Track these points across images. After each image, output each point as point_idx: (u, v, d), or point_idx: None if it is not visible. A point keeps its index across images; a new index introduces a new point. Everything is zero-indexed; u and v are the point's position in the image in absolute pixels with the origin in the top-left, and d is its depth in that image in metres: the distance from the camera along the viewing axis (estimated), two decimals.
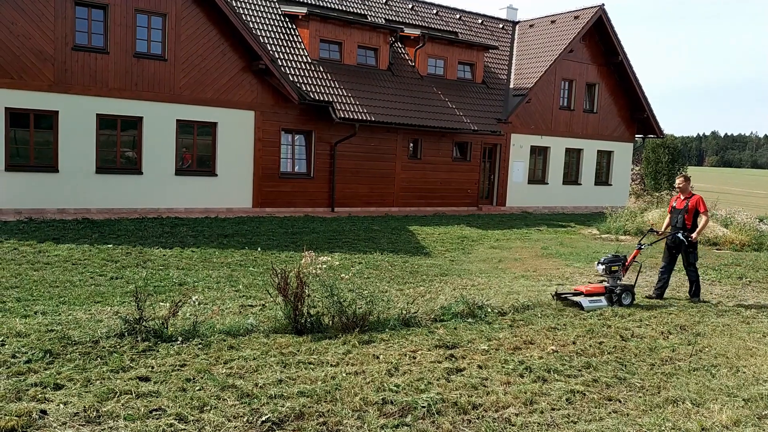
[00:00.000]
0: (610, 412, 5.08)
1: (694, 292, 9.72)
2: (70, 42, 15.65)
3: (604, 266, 9.07)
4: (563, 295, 8.84)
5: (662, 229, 10.10)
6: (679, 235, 9.53)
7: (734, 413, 5.09)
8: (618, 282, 9.04)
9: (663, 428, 4.80)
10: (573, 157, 27.08)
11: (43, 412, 4.45)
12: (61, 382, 5.01)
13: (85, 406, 4.55)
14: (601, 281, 9.33)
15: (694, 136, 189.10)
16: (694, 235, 9.49)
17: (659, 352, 6.78)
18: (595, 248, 15.21)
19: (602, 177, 28.30)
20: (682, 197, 9.85)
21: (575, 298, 8.69)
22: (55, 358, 5.55)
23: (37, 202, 15.49)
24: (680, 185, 9.88)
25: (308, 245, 13.08)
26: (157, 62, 16.89)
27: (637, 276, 9.88)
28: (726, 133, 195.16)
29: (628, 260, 9.31)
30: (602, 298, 8.78)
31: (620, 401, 5.33)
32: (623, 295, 8.86)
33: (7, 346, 5.74)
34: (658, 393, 5.56)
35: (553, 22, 26.94)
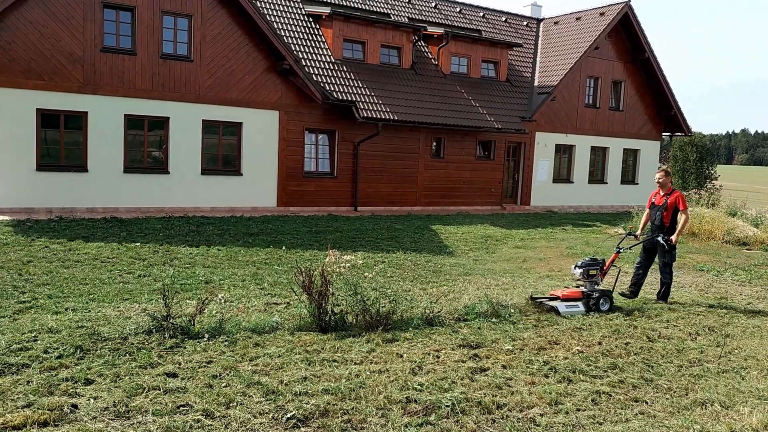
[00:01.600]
0: (636, 414, 5.02)
1: (663, 294, 9.21)
2: (98, 44, 15.93)
3: (581, 270, 8.56)
4: (539, 300, 8.36)
5: (641, 226, 9.65)
6: (659, 239, 9.07)
7: (765, 416, 4.99)
8: (595, 287, 8.55)
9: (691, 430, 4.73)
10: (599, 155, 26.79)
11: (74, 406, 4.55)
12: (92, 378, 5.10)
13: (114, 401, 4.64)
14: (578, 286, 8.83)
15: (723, 133, 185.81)
16: (673, 238, 9.05)
17: (687, 354, 6.68)
18: None
19: (628, 176, 27.95)
20: (661, 193, 9.36)
21: (551, 303, 8.22)
22: (86, 353, 5.66)
23: (67, 201, 15.79)
24: (660, 180, 9.34)
25: (332, 244, 13.15)
26: (183, 63, 17.11)
27: (616, 281, 9.31)
28: (757, 131, 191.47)
29: (607, 264, 8.83)
30: (579, 303, 8.28)
31: (647, 403, 5.27)
32: (601, 301, 8.35)
33: (39, 342, 5.87)
34: (686, 395, 5.48)
35: (578, 18, 26.68)
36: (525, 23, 28.36)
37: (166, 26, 16.85)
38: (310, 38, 20.33)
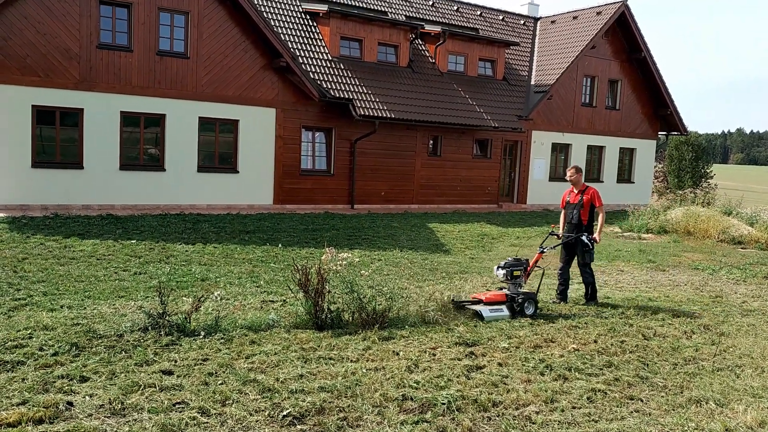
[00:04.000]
0: (631, 412, 5.04)
1: (591, 295, 8.91)
2: (95, 40, 15.87)
3: (504, 271, 8.13)
4: (461, 303, 7.90)
5: (561, 227, 9.24)
6: (584, 238, 8.74)
7: (759, 414, 5.02)
8: (519, 289, 8.17)
9: (686, 428, 4.75)
10: (595, 154, 26.83)
11: (70, 403, 4.54)
12: (87, 375, 5.10)
13: (110, 399, 4.63)
14: (501, 288, 8.43)
15: (719, 133, 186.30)
16: (596, 236, 8.82)
17: (682, 352, 6.71)
18: (617, 246, 15.07)
19: (624, 175, 28.00)
20: (575, 191, 9.07)
21: (474, 307, 7.78)
22: (81, 351, 5.65)
23: (62, 199, 15.74)
24: (572, 177, 9.07)
25: (328, 242, 13.14)
26: (180, 60, 17.06)
27: (540, 282, 8.94)
28: (752, 130, 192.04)
29: (530, 265, 8.49)
30: (503, 307, 7.88)
31: (642, 401, 5.29)
32: (525, 304, 7.94)
33: (34, 339, 5.86)
34: (681, 393, 5.50)
35: (575, 18, 26.70)
36: (522, 22, 28.37)
37: (163, 23, 16.79)
38: (307, 36, 20.29)
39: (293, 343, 6.22)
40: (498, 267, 8.28)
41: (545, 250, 8.75)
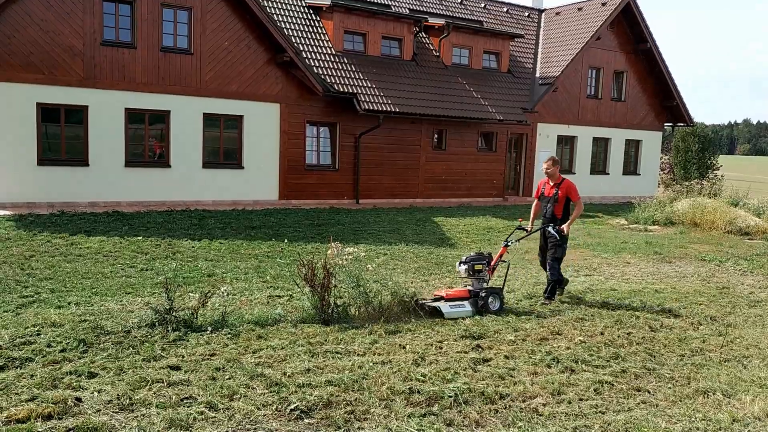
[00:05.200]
0: (639, 403, 5.03)
1: (549, 293, 8.40)
2: (98, 37, 15.89)
3: (466, 266, 7.81)
4: (421, 302, 7.48)
5: (531, 219, 8.87)
6: (550, 228, 8.36)
7: (766, 404, 5.00)
8: (483, 285, 7.84)
9: (693, 419, 4.74)
10: (600, 146, 26.73)
11: (78, 399, 4.56)
12: (95, 371, 5.12)
13: (118, 394, 4.65)
14: (466, 284, 8.10)
15: (726, 123, 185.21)
16: (565, 227, 8.33)
17: (689, 343, 6.69)
18: (624, 238, 15.03)
19: (630, 166, 27.89)
20: (551, 183, 8.62)
21: (434, 304, 7.42)
22: (89, 347, 5.68)
23: (68, 196, 15.80)
24: (548, 170, 8.58)
25: (334, 237, 13.15)
26: (184, 56, 17.07)
27: (506, 277, 8.54)
28: (759, 121, 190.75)
29: (494, 259, 8.15)
30: (466, 303, 7.55)
31: (649, 392, 5.28)
32: (490, 300, 7.63)
33: (42, 336, 5.89)
34: (688, 384, 5.49)
35: (579, 9, 26.55)
36: (526, 14, 28.24)
37: (166, 19, 16.80)
38: (311, 30, 20.26)
39: (300, 338, 6.23)
40: (459, 262, 7.98)
41: (510, 244, 8.41)
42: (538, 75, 25.00)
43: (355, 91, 19.18)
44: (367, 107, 19.10)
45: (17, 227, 12.33)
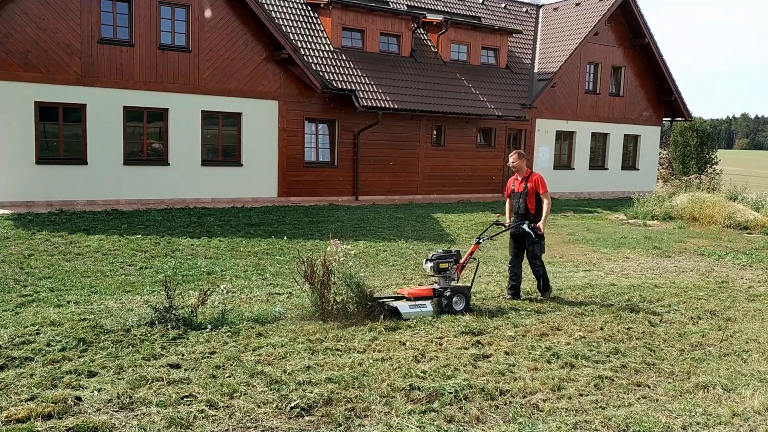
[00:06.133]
0: (639, 398, 5.03)
1: (544, 287, 8.32)
2: (96, 35, 15.85)
3: (431, 264, 7.51)
4: (381, 300, 7.21)
5: (507, 216, 8.63)
6: (525, 227, 8.13)
7: (766, 399, 5.01)
8: (450, 283, 7.54)
9: (693, 414, 4.74)
10: (599, 141, 26.72)
11: (78, 398, 4.56)
12: (95, 370, 5.12)
13: (118, 393, 4.65)
14: (433, 283, 7.79)
15: (724, 118, 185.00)
16: (540, 225, 8.13)
17: (689, 338, 6.70)
18: (623, 233, 15.03)
19: (629, 161, 27.89)
20: (519, 178, 8.41)
21: (394, 304, 7.12)
22: (89, 346, 5.67)
23: (67, 194, 15.77)
24: (514, 164, 8.37)
25: (333, 234, 13.15)
26: (182, 54, 17.03)
27: (474, 275, 8.29)
28: (757, 115, 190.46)
29: (464, 257, 7.87)
30: (427, 302, 7.27)
31: (649, 387, 5.28)
32: (454, 299, 7.31)
33: (42, 335, 5.88)
34: (688, 378, 5.49)
35: (577, 4, 26.51)
36: (524, 9, 28.20)
37: (164, 17, 16.75)
38: (309, 27, 20.22)
39: (300, 335, 6.23)
40: (426, 260, 7.65)
41: (482, 241, 8.12)
42: (536, 71, 24.97)
43: (354, 88, 19.15)
44: (365, 104, 19.08)
45: (16, 226, 12.31)
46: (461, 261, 7.79)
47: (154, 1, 16.47)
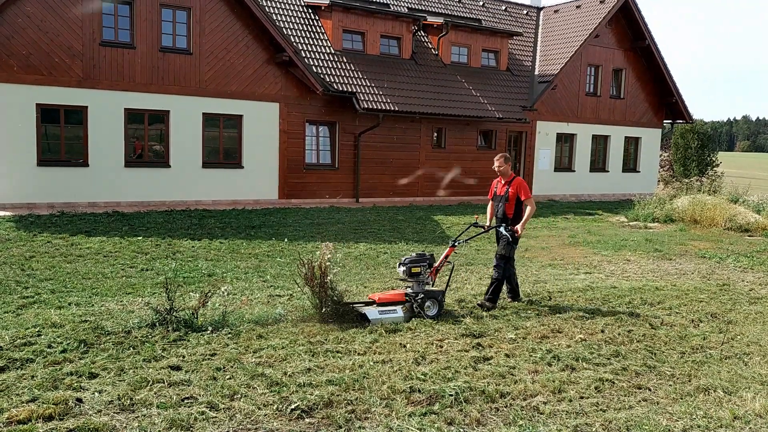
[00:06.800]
0: (639, 401, 5.03)
1: (491, 295, 7.83)
2: (97, 38, 15.87)
3: (404, 268, 7.28)
4: (351, 305, 7.06)
5: (488, 220, 8.44)
6: (502, 229, 7.92)
7: (767, 401, 5.01)
8: (424, 288, 7.32)
9: (694, 417, 4.74)
10: (600, 144, 26.72)
11: (79, 400, 4.56)
12: (96, 371, 5.12)
13: (119, 395, 4.65)
14: (406, 287, 7.53)
15: (725, 120, 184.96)
16: (518, 227, 7.88)
17: (690, 340, 6.69)
18: (624, 236, 15.03)
19: (630, 164, 27.88)
20: (503, 181, 8.22)
21: (363, 309, 6.97)
22: (90, 347, 5.68)
23: (68, 196, 15.79)
24: (499, 167, 8.19)
25: (334, 236, 13.16)
26: (183, 56, 17.06)
27: (449, 280, 8.04)
28: (758, 117, 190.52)
29: (439, 261, 7.68)
30: (398, 308, 7.06)
31: (650, 389, 5.28)
32: (427, 304, 7.10)
33: (43, 337, 5.89)
34: (689, 381, 5.49)
35: (578, 6, 26.54)
36: (525, 12, 28.22)
37: (165, 19, 16.78)
38: (310, 29, 20.25)
39: (300, 337, 6.23)
40: (399, 263, 7.44)
41: (457, 244, 7.89)
42: (537, 73, 24.98)
43: (355, 90, 19.17)
44: (366, 106, 19.10)
45: (17, 228, 12.32)
46: (435, 264, 7.57)
47: (155, 4, 16.50)
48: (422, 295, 7.15)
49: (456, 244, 7.84)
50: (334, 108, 19.48)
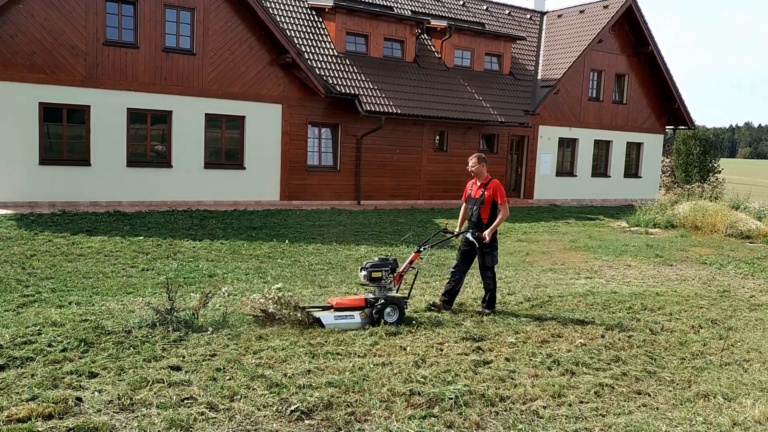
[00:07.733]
0: (639, 406, 5.03)
1: (489, 302, 7.72)
2: (101, 37, 15.91)
3: (365, 272, 7.04)
4: (307, 309, 6.87)
5: (459, 223, 8.25)
6: (468, 236, 7.68)
7: (767, 408, 5.00)
8: (386, 293, 7.07)
9: (694, 423, 4.74)
10: (602, 149, 26.72)
11: (79, 399, 4.56)
12: (96, 371, 5.12)
13: (119, 394, 4.65)
14: (368, 292, 7.32)
15: (727, 127, 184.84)
16: (486, 233, 7.55)
17: (690, 346, 6.69)
18: (625, 241, 15.02)
19: (632, 169, 27.88)
20: (478, 183, 7.88)
21: (318, 314, 6.76)
22: (90, 347, 5.68)
23: (70, 195, 15.81)
24: (473, 168, 7.83)
25: (335, 238, 13.16)
26: (186, 57, 17.08)
27: (412, 285, 7.94)
28: (760, 124, 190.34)
29: (403, 266, 7.46)
30: (355, 313, 6.85)
31: (650, 395, 5.28)
32: (387, 310, 6.87)
33: (43, 336, 5.89)
34: (689, 387, 5.49)
35: (581, 11, 26.56)
36: (528, 16, 28.25)
37: (169, 19, 16.81)
38: (313, 31, 20.28)
39: (300, 339, 6.23)
40: (361, 268, 7.21)
41: (423, 249, 7.70)
42: (539, 77, 25.00)
43: (357, 93, 19.19)
44: (368, 108, 19.12)
45: (18, 227, 12.34)
46: (399, 270, 7.34)
47: (159, 4, 16.54)
48: (383, 301, 6.88)
49: (422, 249, 7.69)
50: (337, 110, 19.49)
